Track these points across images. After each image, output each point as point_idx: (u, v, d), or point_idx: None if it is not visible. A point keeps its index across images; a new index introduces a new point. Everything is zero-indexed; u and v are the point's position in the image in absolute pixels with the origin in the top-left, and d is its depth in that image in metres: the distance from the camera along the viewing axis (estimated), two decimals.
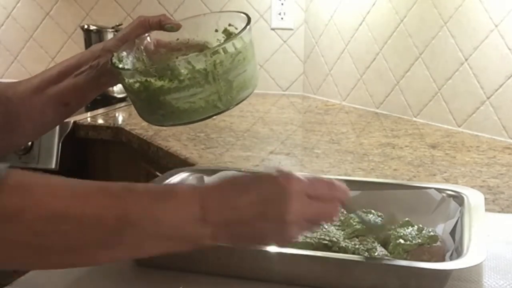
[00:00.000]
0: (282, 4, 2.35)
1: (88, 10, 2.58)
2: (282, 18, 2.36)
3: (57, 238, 0.61)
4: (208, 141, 1.66)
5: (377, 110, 2.06)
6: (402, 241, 0.86)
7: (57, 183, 0.64)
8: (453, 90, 1.78)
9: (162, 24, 0.96)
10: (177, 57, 0.96)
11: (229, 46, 0.85)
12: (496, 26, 1.62)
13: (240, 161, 1.44)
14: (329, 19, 2.22)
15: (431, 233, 0.88)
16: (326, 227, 0.93)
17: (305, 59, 2.39)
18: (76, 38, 2.58)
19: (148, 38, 0.98)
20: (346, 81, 2.19)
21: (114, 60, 0.90)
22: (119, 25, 2.29)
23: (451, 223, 0.92)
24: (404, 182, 1.18)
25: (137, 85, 0.86)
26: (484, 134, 1.70)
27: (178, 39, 0.99)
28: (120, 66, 0.90)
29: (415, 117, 1.92)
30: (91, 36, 2.28)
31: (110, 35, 2.27)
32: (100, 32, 2.27)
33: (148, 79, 0.84)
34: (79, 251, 0.63)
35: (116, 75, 0.90)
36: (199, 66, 0.83)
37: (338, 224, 0.96)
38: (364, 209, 0.98)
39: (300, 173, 0.71)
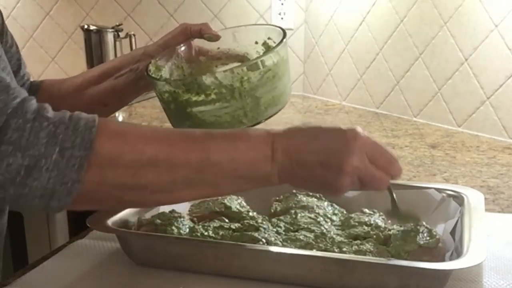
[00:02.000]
0: (282, 4, 2.35)
1: (88, 10, 2.58)
2: (282, 18, 2.36)
3: (150, 178, 0.69)
4: None
5: (377, 110, 2.06)
6: (403, 242, 0.86)
7: (147, 131, 0.72)
8: (453, 90, 1.78)
9: (202, 33, 0.99)
10: (216, 66, 0.99)
11: (260, 62, 0.85)
12: (496, 26, 1.63)
13: None
14: (329, 19, 2.22)
15: (436, 236, 0.88)
16: (327, 227, 0.94)
17: (305, 59, 2.39)
18: (76, 38, 2.58)
19: (189, 45, 1.01)
20: (346, 81, 2.19)
21: (150, 67, 0.92)
22: (119, 25, 2.29)
23: (451, 223, 0.92)
24: (404, 182, 1.17)
25: (166, 95, 0.89)
26: (484, 134, 1.70)
27: (219, 48, 1.01)
28: (153, 75, 0.92)
29: (415, 117, 1.92)
30: (91, 36, 2.28)
31: (110, 35, 2.27)
32: (100, 32, 2.27)
33: (177, 90, 0.86)
34: (168, 189, 0.70)
35: (149, 82, 0.91)
36: (226, 81, 0.84)
37: (338, 224, 0.96)
38: (367, 209, 0.98)
39: (368, 134, 0.75)
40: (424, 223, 0.91)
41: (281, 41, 0.88)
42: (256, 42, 0.98)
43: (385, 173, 0.76)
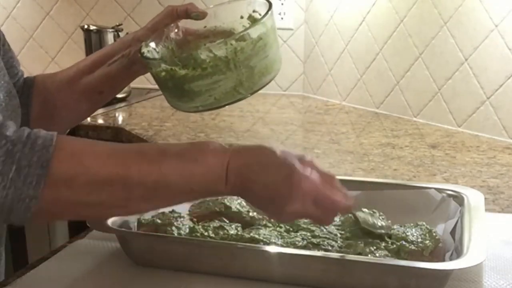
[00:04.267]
0: (282, 4, 2.35)
1: (88, 10, 2.58)
2: (282, 18, 2.36)
3: (105, 197, 0.70)
4: None
5: (377, 110, 2.06)
6: (404, 242, 0.86)
7: (103, 151, 0.72)
8: (453, 90, 1.78)
9: (188, 13, 0.99)
10: (205, 44, 0.99)
11: (248, 34, 0.86)
12: (496, 26, 1.62)
13: None
14: (329, 19, 2.22)
15: (436, 237, 0.88)
16: (327, 227, 0.94)
17: (305, 59, 2.39)
18: (76, 38, 2.58)
19: (176, 26, 1.01)
20: (346, 81, 2.18)
21: (143, 50, 0.93)
22: (119, 25, 2.29)
23: (451, 223, 0.92)
24: (404, 182, 1.18)
25: (163, 73, 0.88)
26: (484, 134, 1.69)
27: (205, 26, 1.02)
28: (148, 55, 0.92)
29: (415, 117, 1.92)
30: (91, 36, 2.28)
31: (110, 35, 2.27)
32: (100, 32, 2.27)
33: (173, 68, 0.87)
34: (124, 205, 0.73)
35: (145, 64, 0.92)
36: (220, 53, 0.85)
37: (338, 224, 0.96)
38: (367, 209, 0.98)
39: (319, 168, 0.78)
40: (424, 223, 0.91)
41: (267, 12, 0.89)
42: (242, 17, 0.99)
43: (328, 214, 0.80)
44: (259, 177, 0.76)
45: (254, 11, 0.97)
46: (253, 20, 0.96)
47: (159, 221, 0.92)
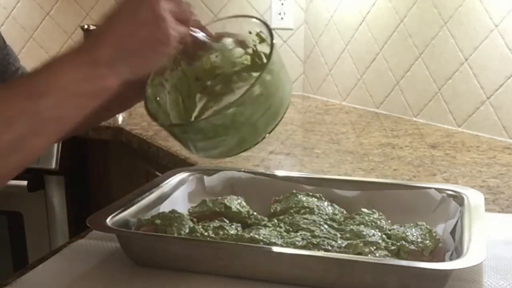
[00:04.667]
0: (282, 4, 2.35)
1: (88, 10, 2.58)
2: (282, 18, 2.36)
3: None
4: None
5: (377, 110, 2.06)
6: (404, 242, 0.86)
7: None
8: (453, 90, 1.78)
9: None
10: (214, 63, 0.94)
11: (248, 95, 0.81)
12: (496, 26, 1.62)
13: (240, 161, 1.44)
14: (329, 19, 2.22)
15: (436, 237, 0.88)
16: (326, 226, 0.94)
17: (305, 59, 2.39)
18: (76, 38, 2.58)
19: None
20: (346, 81, 2.19)
21: (148, 93, 0.89)
22: None
23: (451, 223, 0.92)
24: (404, 182, 1.18)
25: (167, 130, 0.89)
26: (484, 134, 1.69)
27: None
28: (151, 110, 0.89)
29: (415, 117, 1.92)
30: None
31: None
32: None
33: (172, 130, 0.87)
34: (17, 145, 0.67)
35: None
36: (218, 122, 0.82)
37: (338, 224, 0.96)
38: (366, 209, 0.98)
39: None
40: (424, 223, 0.91)
41: (268, 61, 0.83)
42: (250, 32, 0.93)
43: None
44: (113, 21, 0.73)
45: (261, 31, 0.91)
46: (261, 38, 0.91)
47: (159, 221, 0.92)
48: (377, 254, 0.83)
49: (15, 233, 1.99)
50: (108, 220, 0.89)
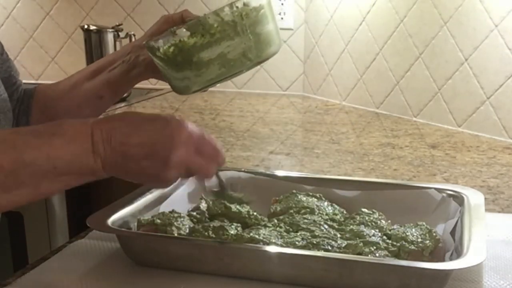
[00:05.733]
0: (282, 4, 2.35)
1: (88, 10, 2.58)
2: (282, 18, 2.36)
3: None
4: None
5: (377, 110, 2.06)
6: (404, 242, 0.86)
7: None
8: (453, 90, 1.78)
9: (184, 19, 1.01)
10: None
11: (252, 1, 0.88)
12: (496, 26, 1.62)
13: (240, 161, 1.45)
14: (329, 19, 2.22)
15: (436, 237, 0.88)
16: (327, 226, 0.94)
17: (305, 59, 2.39)
18: (76, 38, 2.58)
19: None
20: (346, 81, 2.18)
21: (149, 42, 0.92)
22: (119, 25, 2.29)
23: (451, 223, 0.92)
24: (404, 182, 1.18)
25: (171, 49, 0.88)
26: (484, 134, 1.69)
27: None
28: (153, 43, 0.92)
29: (415, 117, 1.92)
30: (91, 36, 2.28)
31: (110, 35, 2.27)
32: (100, 32, 2.27)
33: (182, 39, 0.87)
34: None
35: (151, 52, 0.92)
36: (227, 18, 0.87)
37: (338, 224, 0.96)
38: (366, 209, 0.98)
39: (193, 124, 0.77)
40: (424, 223, 0.91)
41: None
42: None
43: (212, 161, 0.80)
44: (131, 138, 0.72)
45: None
46: None
47: (159, 221, 0.92)
48: (377, 254, 0.84)
49: (15, 233, 1.99)
50: (108, 220, 0.89)
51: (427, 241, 0.86)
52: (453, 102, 1.79)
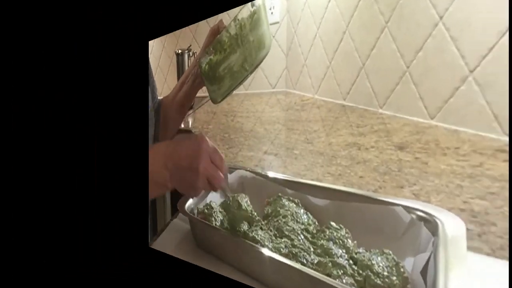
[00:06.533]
0: None
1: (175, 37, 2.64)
2: (272, 13, 2.31)
3: None
4: (230, 141, 1.73)
5: (344, 103, 1.91)
6: (370, 273, 0.82)
7: None
8: (424, 65, 1.35)
9: (220, 29, 1.17)
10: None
11: (246, 9, 0.97)
12: None
13: (246, 161, 1.48)
14: (304, 2, 2.10)
15: (404, 274, 0.78)
16: (302, 237, 0.99)
17: (287, 52, 2.30)
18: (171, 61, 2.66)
19: None
20: (317, 70, 2.08)
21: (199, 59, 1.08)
22: (189, 46, 2.42)
23: (422, 259, 0.78)
24: (370, 194, 1.01)
25: (206, 67, 1.05)
26: (466, 129, 1.24)
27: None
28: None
29: (381, 108, 1.64)
30: (178, 58, 2.43)
31: (186, 55, 2.54)
32: (182, 54, 2.45)
33: (211, 57, 1.03)
34: None
35: (199, 68, 1.11)
36: (233, 32, 1.00)
37: (310, 236, 1.01)
38: (335, 223, 0.99)
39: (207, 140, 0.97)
40: (390, 252, 0.84)
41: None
42: None
43: (219, 170, 0.99)
44: (180, 152, 0.98)
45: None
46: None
47: (206, 211, 1.06)
48: (344, 280, 0.81)
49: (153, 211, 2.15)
50: (185, 205, 1.08)
51: (394, 277, 0.78)
52: (424, 82, 1.39)
